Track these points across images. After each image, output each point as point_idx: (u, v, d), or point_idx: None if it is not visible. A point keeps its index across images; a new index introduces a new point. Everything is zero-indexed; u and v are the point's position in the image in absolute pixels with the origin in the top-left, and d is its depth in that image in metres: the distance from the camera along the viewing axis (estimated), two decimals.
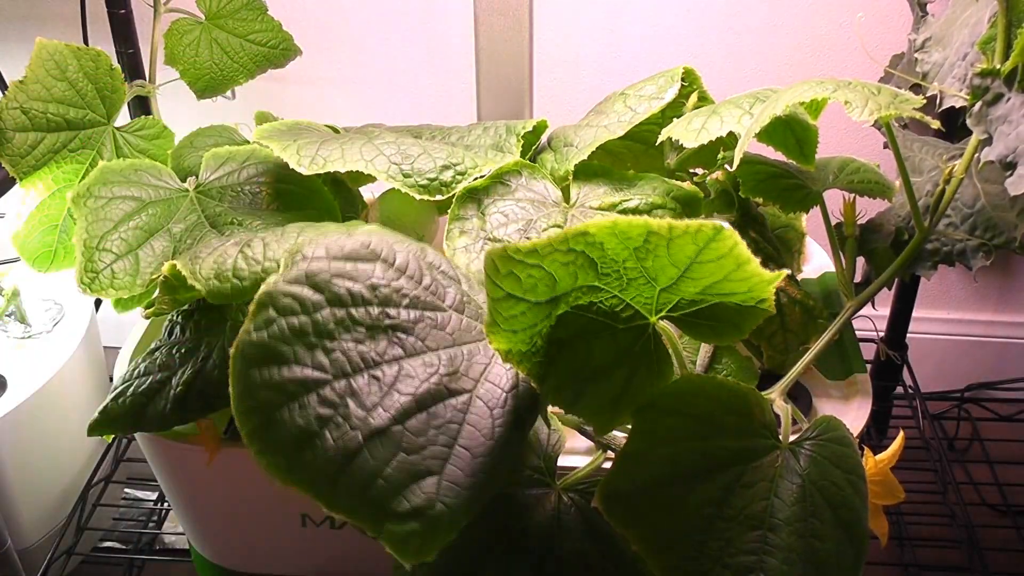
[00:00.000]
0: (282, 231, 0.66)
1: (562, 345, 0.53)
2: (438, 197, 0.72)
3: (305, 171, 0.71)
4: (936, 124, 0.57)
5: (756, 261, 0.49)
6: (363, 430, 0.51)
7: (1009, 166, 0.54)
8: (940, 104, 0.67)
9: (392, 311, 0.54)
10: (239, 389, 0.50)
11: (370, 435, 0.50)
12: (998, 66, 0.57)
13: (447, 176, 0.73)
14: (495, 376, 0.55)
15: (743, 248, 0.48)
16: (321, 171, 0.71)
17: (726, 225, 0.48)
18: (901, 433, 0.67)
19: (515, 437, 0.54)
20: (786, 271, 0.51)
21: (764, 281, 0.50)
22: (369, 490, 0.49)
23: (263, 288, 0.52)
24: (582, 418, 0.52)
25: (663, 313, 0.54)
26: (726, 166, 0.76)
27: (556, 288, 0.50)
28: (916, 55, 0.71)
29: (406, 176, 0.72)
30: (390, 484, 0.50)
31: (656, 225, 0.47)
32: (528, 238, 0.67)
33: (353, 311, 0.53)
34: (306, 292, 0.53)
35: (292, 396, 0.51)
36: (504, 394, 0.54)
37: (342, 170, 0.71)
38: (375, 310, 0.54)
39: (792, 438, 0.57)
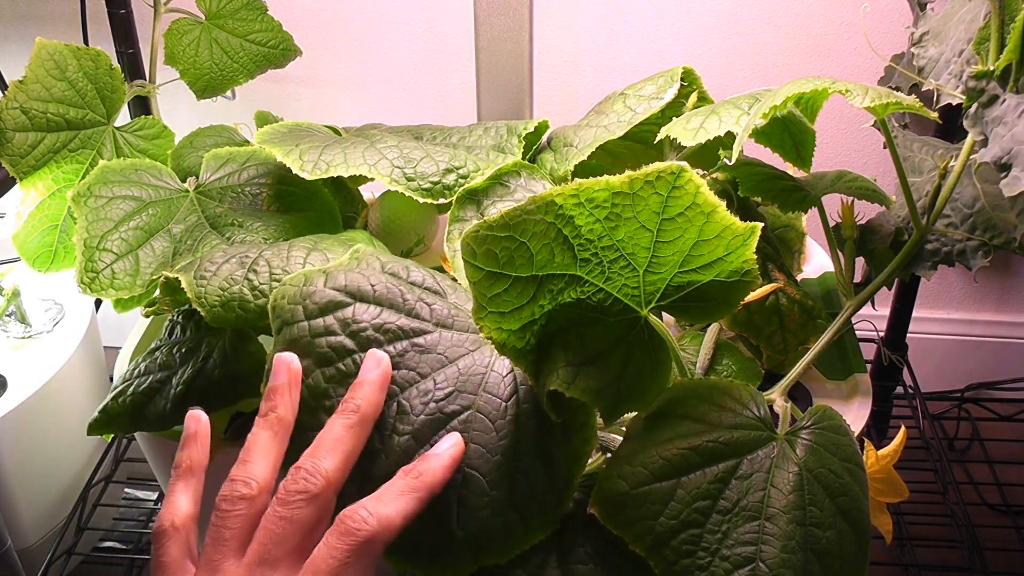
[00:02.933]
0: (288, 251, 0.66)
1: (555, 336, 0.54)
2: (441, 201, 0.72)
3: (308, 176, 0.71)
4: (934, 115, 0.57)
5: (723, 205, 0.49)
6: (366, 483, 0.52)
7: (1004, 167, 0.53)
8: (938, 100, 0.67)
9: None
10: None
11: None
12: (992, 67, 0.57)
13: (450, 180, 0.73)
14: (492, 386, 0.55)
15: (708, 193, 0.48)
16: (324, 176, 0.71)
17: (684, 165, 0.48)
18: (902, 428, 0.67)
19: (527, 439, 0.54)
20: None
21: (739, 235, 0.50)
22: None
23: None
24: (585, 400, 0.52)
25: (652, 304, 0.54)
26: (725, 160, 0.76)
27: (534, 264, 0.50)
28: (913, 49, 0.71)
29: (409, 180, 0.72)
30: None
31: (618, 182, 0.48)
32: None
33: (341, 365, 0.55)
34: None
35: None
36: (503, 403, 0.54)
37: (345, 175, 0.71)
38: (360, 357, 0.55)
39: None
